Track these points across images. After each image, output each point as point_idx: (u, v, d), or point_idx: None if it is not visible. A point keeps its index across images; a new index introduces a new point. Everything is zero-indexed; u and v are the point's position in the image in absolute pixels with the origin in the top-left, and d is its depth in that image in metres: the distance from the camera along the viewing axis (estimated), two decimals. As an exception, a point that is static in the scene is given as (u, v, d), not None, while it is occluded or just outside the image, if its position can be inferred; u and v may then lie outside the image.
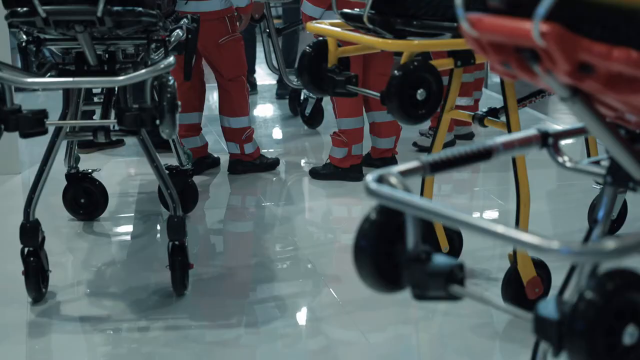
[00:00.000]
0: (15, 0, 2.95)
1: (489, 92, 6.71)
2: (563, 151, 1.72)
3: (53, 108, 3.38)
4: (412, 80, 2.85)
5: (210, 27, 4.51)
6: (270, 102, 6.96)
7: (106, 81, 3.17)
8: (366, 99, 4.70)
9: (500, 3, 1.44)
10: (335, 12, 3.15)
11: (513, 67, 1.43)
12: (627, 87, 1.30)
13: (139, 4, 2.98)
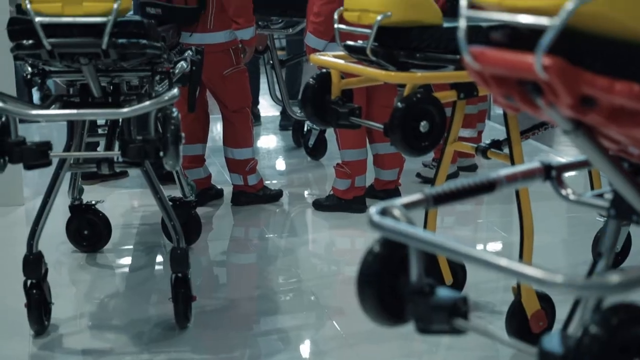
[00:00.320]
0: (21, 33, 2.97)
1: (492, 124, 6.73)
2: (566, 184, 1.72)
3: (58, 138, 3.38)
4: (415, 113, 2.86)
5: (215, 59, 4.53)
6: (273, 133, 6.98)
7: (110, 113, 3.18)
8: (369, 131, 4.71)
9: (502, 36, 1.45)
10: (339, 44, 3.16)
11: (516, 100, 1.44)
12: (629, 120, 1.30)
13: (143, 36, 3.00)
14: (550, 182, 1.71)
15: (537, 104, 1.39)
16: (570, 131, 1.40)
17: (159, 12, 4.40)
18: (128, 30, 2.97)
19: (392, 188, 4.84)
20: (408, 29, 2.91)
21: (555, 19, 1.28)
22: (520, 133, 2.98)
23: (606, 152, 1.44)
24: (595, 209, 1.79)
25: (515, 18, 1.37)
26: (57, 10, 2.91)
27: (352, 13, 3.09)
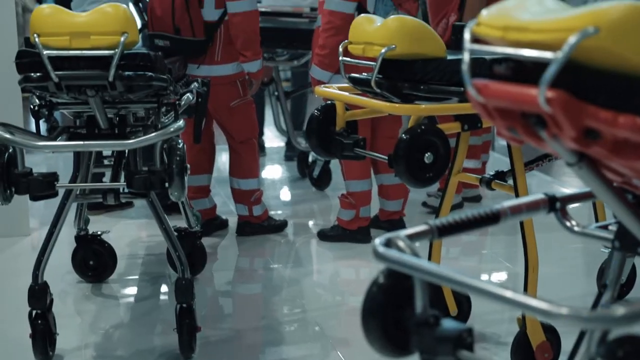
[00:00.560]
0: (29, 65, 3.00)
1: (496, 155, 6.74)
2: (571, 215, 1.73)
3: (64, 168, 3.40)
4: (420, 144, 2.87)
5: (222, 91, 4.56)
6: (278, 163, 7.00)
7: (116, 144, 3.20)
8: (374, 162, 4.72)
9: (506, 69, 1.47)
10: (343, 76, 3.19)
11: (519, 132, 1.45)
12: (633, 153, 1.31)
13: (150, 69, 3.03)
14: (555, 214, 1.72)
15: (540, 136, 1.40)
16: (574, 163, 1.41)
17: (167, 44, 4.44)
18: (135, 63, 3.00)
19: (397, 219, 4.85)
20: (412, 62, 2.93)
21: (559, 52, 1.30)
22: (524, 164, 2.99)
23: (610, 184, 1.45)
24: (600, 241, 1.79)
25: (518, 52, 1.38)
26: (65, 44, 2.94)
27: (356, 46, 3.11)
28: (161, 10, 4.46)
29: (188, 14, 4.43)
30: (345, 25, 3.53)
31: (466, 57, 1.47)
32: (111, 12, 2.97)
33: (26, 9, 9.77)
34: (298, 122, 6.60)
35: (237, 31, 4.48)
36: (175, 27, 4.45)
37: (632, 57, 1.29)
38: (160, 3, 4.47)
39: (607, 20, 1.27)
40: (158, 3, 4.48)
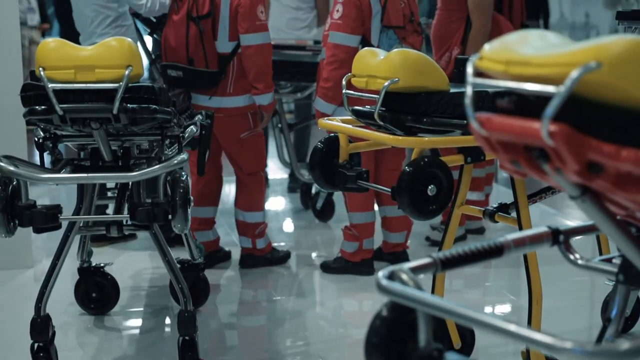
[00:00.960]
0: (34, 98, 3.02)
1: (499, 187, 6.74)
2: (574, 248, 1.73)
3: (67, 199, 3.40)
4: (423, 177, 2.88)
5: (232, 123, 4.59)
6: (281, 195, 7.00)
7: (120, 177, 3.21)
8: (378, 194, 4.72)
9: (509, 103, 1.47)
10: (347, 109, 3.20)
11: (522, 166, 1.46)
12: (636, 186, 1.31)
13: (154, 101, 3.04)
14: (558, 247, 1.72)
15: (543, 169, 1.41)
16: (577, 197, 1.41)
17: (180, 75, 4.47)
18: (139, 96, 3.02)
19: (400, 251, 4.84)
20: (415, 95, 2.95)
21: (561, 87, 1.30)
22: (527, 197, 2.99)
23: (613, 218, 1.45)
24: (604, 274, 1.79)
25: (521, 86, 1.39)
26: (70, 77, 2.96)
27: (360, 79, 3.13)
28: (175, 41, 4.49)
29: (202, 46, 4.46)
30: (350, 58, 3.55)
31: (469, 91, 1.48)
32: (116, 45, 3.00)
33: (32, 41, 9.85)
34: (301, 154, 6.62)
35: (250, 64, 4.51)
36: (189, 58, 4.48)
37: (634, 91, 1.29)
38: (175, 34, 4.50)
39: (609, 55, 1.28)
40: (172, 34, 4.51)
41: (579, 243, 1.85)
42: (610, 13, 10.61)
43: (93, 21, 4.70)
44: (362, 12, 4.42)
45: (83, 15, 4.74)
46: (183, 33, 4.46)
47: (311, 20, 6.48)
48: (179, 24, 4.48)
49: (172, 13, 4.52)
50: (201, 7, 4.45)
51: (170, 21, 4.52)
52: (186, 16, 4.46)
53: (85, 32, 4.76)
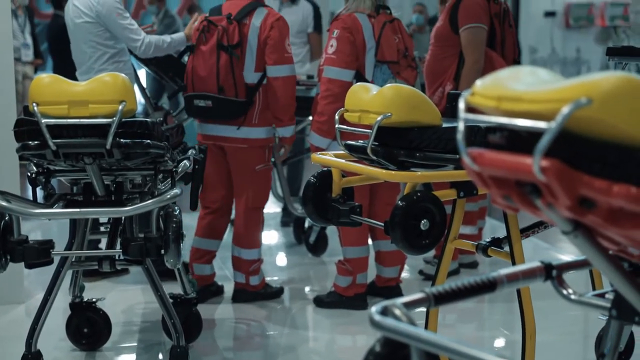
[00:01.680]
0: (27, 133, 3.02)
1: (492, 221, 6.75)
2: (567, 283, 1.73)
3: (59, 234, 3.39)
4: (416, 211, 2.88)
5: (252, 154, 4.62)
6: (275, 229, 6.99)
7: (113, 212, 3.21)
8: (372, 228, 4.72)
9: (500, 138, 1.48)
10: (340, 143, 3.21)
11: (515, 201, 1.46)
12: (628, 222, 1.31)
13: (147, 136, 3.05)
14: (551, 281, 1.72)
15: (536, 205, 1.41)
16: (570, 232, 1.42)
17: (210, 105, 4.49)
18: (132, 131, 3.03)
19: (394, 285, 4.83)
20: (408, 129, 2.96)
21: (552, 122, 1.31)
22: (520, 231, 3.00)
23: (606, 253, 1.45)
24: (597, 309, 1.79)
25: (513, 121, 1.40)
26: (64, 112, 2.97)
27: (353, 114, 3.14)
28: (205, 70, 4.50)
29: (232, 74, 4.48)
30: (344, 92, 3.57)
31: (461, 126, 1.49)
32: (109, 81, 3.01)
33: (26, 76, 9.89)
34: (294, 188, 6.62)
35: (276, 95, 4.56)
36: (219, 86, 4.49)
37: (624, 127, 1.30)
38: (205, 64, 4.51)
39: (600, 91, 1.29)
40: (202, 64, 4.52)
41: (572, 277, 1.85)
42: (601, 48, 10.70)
43: (91, 57, 4.72)
44: (356, 47, 4.45)
45: (81, 51, 4.76)
46: (213, 62, 4.48)
47: (304, 55, 6.52)
48: (209, 54, 4.50)
49: (200, 44, 4.54)
50: (231, 36, 4.48)
51: (199, 52, 4.54)
52: (217, 45, 4.48)
53: (83, 68, 4.78)
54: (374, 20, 4.49)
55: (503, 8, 5.10)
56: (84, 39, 4.71)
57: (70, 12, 4.77)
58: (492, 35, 5.04)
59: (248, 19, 4.53)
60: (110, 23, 4.66)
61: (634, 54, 3.81)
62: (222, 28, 4.48)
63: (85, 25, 4.70)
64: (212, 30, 4.51)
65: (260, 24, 4.53)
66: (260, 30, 4.53)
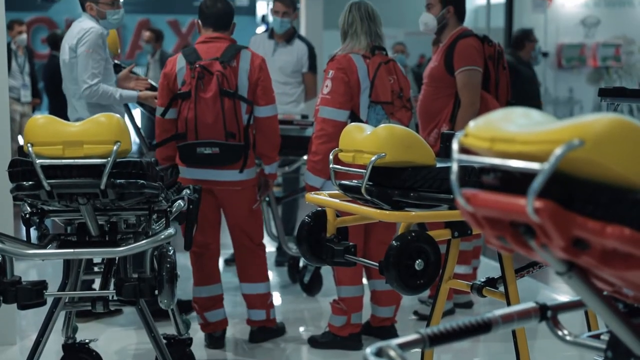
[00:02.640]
0: (22, 174, 3.02)
1: (486, 260, 6.74)
2: (562, 324, 1.72)
3: (53, 274, 3.37)
4: (410, 251, 2.88)
5: (245, 194, 4.63)
6: (269, 269, 6.95)
7: (107, 252, 3.20)
8: (367, 267, 4.71)
9: (494, 179, 1.48)
10: (334, 183, 3.21)
11: (509, 241, 1.46)
12: (622, 263, 1.32)
13: (142, 176, 3.05)
14: (546, 322, 1.71)
15: (530, 245, 1.41)
16: (564, 273, 1.42)
17: (217, 151, 4.48)
18: (127, 171, 3.03)
19: (388, 325, 4.81)
20: (402, 169, 2.97)
21: (545, 164, 1.32)
22: (515, 271, 2.99)
23: (600, 294, 1.45)
24: (593, 350, 1.78)
25: (506, 162, 1.41)
26: (58, 153, 2.97)
27: (347, 154, 3.15)
28: (212, 117, 4.47)
29: (236, 119, 4.50)
30: (338, 132, 3.59)
31: (454, 167, 1.50)
32: (104, 121, 3.02)
33: (24, 115, 9.93)
34: (289, 227, 6.61)
35: (267, 134, 4.60)
36: (227, 132, 4.49)
37: (616, 168, 1.31)
38: (209, 110, 4.47)
39: (592, 132, 1.30)
40: (206, 111, 4.48)
41: (568, 317, 1.84)
42: (593, 89, 10.78)
43: (75, 94, 4.76)
44: (350, 88, 4.48)
45: (66, 89, 4.82)
46: (219, 109, 4.46)
47: (299, 95, 6.55)
48: (212, 101, 4.46)
49: (199, 92, 4.49)
50: (231, 81, 4.49)
51: (200, 99, 4.48)
52: (219, 92, 4.47)
53: (71, 105, 4.82)
54: (369, 61, 4.52)
55: (497, 50, 5.14)
56: (73, 79, 4.74)
57: (62, 51, 4.82)
58: (486, 77, 5.08)
59: (236, 62, 4.55)
60: (79, 57, 4.67)
61: (625, 95, 3.84)
62: (221, 73, 4.47)
63: (73, 62, 4.73)
64: (207, 77, 4.49)
65: (249, 66, 4.56)
66: (250, 72, 4.55)
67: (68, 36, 4.80)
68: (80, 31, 4.71)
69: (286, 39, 6.49)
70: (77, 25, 4.80)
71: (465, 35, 5.08)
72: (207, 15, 4.65)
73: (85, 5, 4.83)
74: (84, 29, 4.71)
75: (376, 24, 4.61)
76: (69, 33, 4.82)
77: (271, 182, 4.81)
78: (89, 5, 4.81)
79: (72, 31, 4.79)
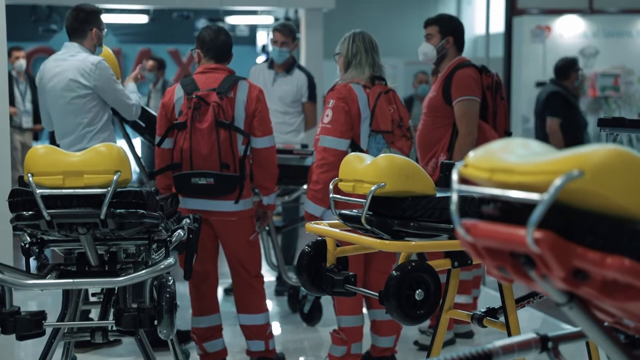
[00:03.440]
0: (22, 204, 3.02)
1: (487, 290, 6.72)
2: (563, 356, 1.71)
3: (52, 304, 3.36)
4: (410, 281, 2.87)
5: (243, 225, 4.61)
6: (269, 298, 6.94)
7: (106, 282, 3.19)
8: (367, 297, 4.69)
9: (494, 210, 1.49)
10: (334, 213, 3.21)
11: (509, 272, 1.46)
12: (622, 294, 1.31)
13: (142, 206, 3.05)
14: (547, 353, 1.71)
15: (530, 276, 1.41)
16: (564, 304, 1.41)
17: (211, 182, 4.48)
18: (127, 200, 3.03)
19: (389, 355, 4.78)
20: (402, 199, 2.97)
21: (545, 194, 1.32)
22: (515, 301, 2.99)
23: (601, 325, 1.45)
24: (594, 381, 1.78)
25: (505, 193, 1.41)
26: (58, 183, 2.98)
27: (347, 183, 3.16)
28: (207, 147, 4.48)
29: (232, 150, 4.50)
30: (339, 161, 3.59)
31: (454, 198, 1.50)
32: (104, 151, 3.02)
33: (25, 145, 9.94)
34: (289, 256, 6.60)
35: (264, 165, 4.61)
36: (221, 163, 4.49)
37: (615, 198, 1.31)
38: (204, 141, 4.48)
39: (591, 163, 1.30)
40: (202, 141, 4.48)
41: (569, 348, 1.84)
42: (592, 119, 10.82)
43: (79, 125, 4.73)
44: (351, 117, 4.49)
45: (70, 123, 4.76)
46: (214, 140, 4.47)
47: (298, 124, 6.57)
48: (207, 131, 4.46)
49: (195, 122, 4.50)
50: (227, 112, 4.50)
51: (195, 130, 4.48)
52: (215, 122, 4.48)
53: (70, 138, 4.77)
54: (369, 90, 4.54)
55: (495, 80, 5.16)
56: (76, 111, 4.70)
57: (61, 85, 4.69)
58: (484, 107, 5.10)
59: (233, 93, 4.56)
60: (108, 91, 4.67)
61: (625, 125, 3.85)
62: (217, 104, 4.48)
63: (79, 99, 4.67)
64: (204, 107, 4.50)
65: (246, 97, 4.57)
66: (247, 103, 4.56)
67: (65, 70, 4.68)
68: (89, 65, 4.63)
69: (286, 68, 6.52)
70: (74, 60, 4.69)
71: (464, 65, 5.10)
72: (210, 47, 4.66)
73: (90, 32, 4.74)
74: (92, 63, 4.64)
75: (377, 55, 4.64)
76: (64, 68, 4.68)
77: (270, 212, 4.81)
78: (95, 32, 4.75)
79: (71, 66, 4.68)
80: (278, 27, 6.50)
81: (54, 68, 4.71)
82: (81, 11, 4.77)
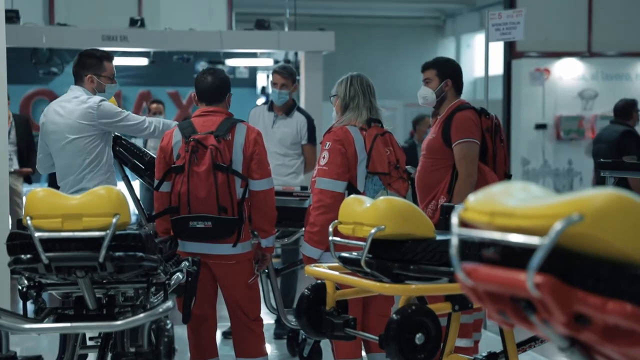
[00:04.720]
0: (20, 247, 3.01)
1: (488, 333, 6.67)
2: (565, 401, 1.70)
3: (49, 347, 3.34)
4: (410, 325, 2.85)
5: (241, 268, 4.58)
6: (268, 341, 6.86)
7: (104, 326, 3.17)
8: (366, 340, 4.66)
9: (494, 253, 1.48)
10: (333, 255, 3.20)
11: (509, 316, 1.45)
12: (624, 339, 1.30)
13: (140, 249, 3.04)
14: (549, 399, 1.69)
15: (531, 320, 1.40)
16: (566, 348, 1.40)
17: (209, 225, 4.45)
18: (126, 243, 3.02)
19: (389, 399, 4.73)
20: (402, 242, 2.96)
21: (545, 238, 1.31)
22: (516, 345, 2.96)
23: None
24: None
25: (506, 237, 1.40)
26: (57, 226, 2.96)
27: (346, 226, 3.15)
28: (204, 191, 4.46)
29: (229, 194, 4.49)
30: (336, 203, 3.59)
31: (454, 242, 1.49)
32: (104, 194, 3.02)
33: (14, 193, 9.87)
34: (288, 299, 6.55)
35: (262, 208, 4.58)
36: (219, 206, 4.48)
37: (615, 243, 1.30)
38: (201, 184, 4.47)
39: (591, 207, 1.30)
40: (199, 184, 4.45)
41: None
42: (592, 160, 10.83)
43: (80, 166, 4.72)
44: (347, 159, 4.49)
45: (71, 165, 4.75)
46: (212, 183, 4.46)
47: (298, 166, 6.57)
48: (205, 175, 4.45)
49: (193, 166, 4.49)
50: (225, 155, 4.50)
51: (193, 173, 4.46)
52: (212, 166, 4.47)
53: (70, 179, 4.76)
54: (366, 132, 4.55)
55: (494, 122, 5.17)
56: (78, 152, 4.70)
57: (64, 127, 4.68)
58: (484, 149, 5.10)
59: (230, 136, 4.56)
60: (115, 121, 4.68)
61: (624, 168, 3.86)
62: (215, 147, 4.48)
63: (81, 140, 4.68)
64: (201, 150, 4.50)
65: (244, 139, 4.57)
66: (245, 146, 4.56)
67: (69, 112, 4.70)
68: (91, 105, 4.65)
69: (285, 111, 6.54)
70: (77, 101, 4.70)
71: (463, 107, 5.12)
72: (200, 90, 4.68)
73: (85, 77, 4.79)
74: (94, 102, 4.67)
75: (374, 97, 4.65)
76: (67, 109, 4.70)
77: (268, 255, 4.78)
78: (90, 77, 4.78)
79: (74, 108, 4.70)
80: (278, 69, 6.53)
81: (58, 110, 4.74)
82: (81, 56, 4.82)
